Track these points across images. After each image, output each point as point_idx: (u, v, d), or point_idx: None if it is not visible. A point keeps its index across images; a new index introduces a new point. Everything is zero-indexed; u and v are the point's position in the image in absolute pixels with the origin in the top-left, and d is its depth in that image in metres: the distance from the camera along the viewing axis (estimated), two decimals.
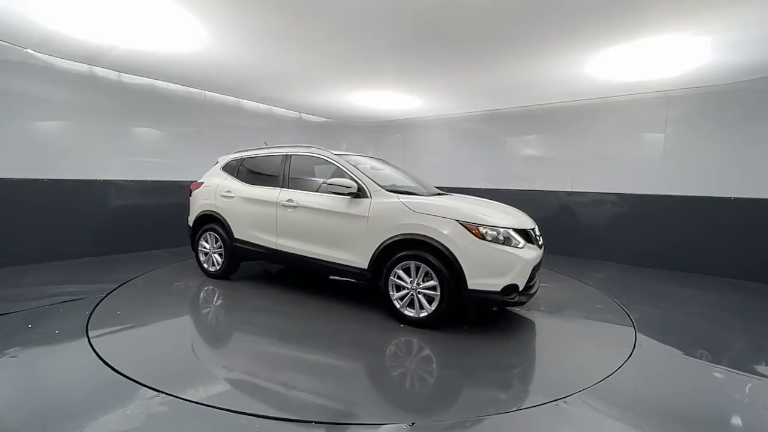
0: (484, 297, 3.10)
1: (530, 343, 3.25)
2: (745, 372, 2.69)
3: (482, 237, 3.08)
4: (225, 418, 2.02)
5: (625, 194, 6.05)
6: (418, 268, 3.27)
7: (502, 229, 3.13)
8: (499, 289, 3.06)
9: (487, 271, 3.08)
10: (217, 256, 4.68)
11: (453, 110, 7.74)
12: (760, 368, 2.77)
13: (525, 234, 3.30)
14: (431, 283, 3.21)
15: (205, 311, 3.83)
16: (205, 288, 4.37)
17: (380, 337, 3.18)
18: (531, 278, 3.25)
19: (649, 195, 5.84)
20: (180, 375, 2.48)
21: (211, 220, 4.69)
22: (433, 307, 3.22)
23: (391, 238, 3.37)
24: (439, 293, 3.19)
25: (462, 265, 3.09)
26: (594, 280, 5.02)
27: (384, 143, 9.29)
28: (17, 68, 4.75)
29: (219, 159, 5.00)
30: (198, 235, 4.82)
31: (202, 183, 4.91)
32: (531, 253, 3.23)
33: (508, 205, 3.91)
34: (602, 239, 6.27)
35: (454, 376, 2.64)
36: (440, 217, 3.21)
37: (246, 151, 4.81)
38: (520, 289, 3.14)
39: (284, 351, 2.94)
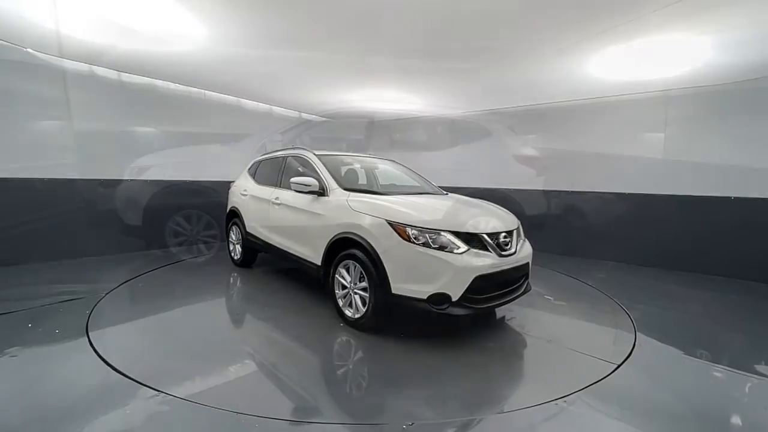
0: (408, 304, 2.83)
1: (499, 352, 2.92)
2: (745, 372, 2.69)
3: (409, 239, 2.84)
4: (224, 418, 2.01)
5: (625, 194, 6.05)
6: (356, 268, 3.19)
7: (434, 231, 2.85)
8: (424, 297, 2.77)
9: (411, 276, 2.82)
10: (239, 246, 5.26)
11: (453, 110, 7.73)
12: (760, 368, 2.77)
13: (475, 238, 2.93)
14: (364, 284, 3.09)
15: (199, 305, 3.82)
16: (206, 280, 4.56)
17: (310, 334, 3.16)
18: (490, 288, 2.96)
19: (649, 195, 5.84)
20: (180, 374, 2.47)
21: (235, 216, 5.30)
22: (365, 309, 3.11)
23: (335, 236, 3.34)
24: (368, 295, 3.05)
25: (386, 268, 2.89)
26: (593, 280, 5.02)
27: (384, 143, 9.27)
28: (17, 68, 4.75)
29: (250, 162, 5.50)
30: (228, 228, 5.52)
31: (234, 183, 5.56)
32: (478, 260, 2.84)
33: (499, 205, 3.79)
34: (602, 239, 6.26)
35: (339, 383, 2.50)
36: (373, 217, 3.07)
37: (266, 154, 5.24)
38: (454, 299, 2.77)
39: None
